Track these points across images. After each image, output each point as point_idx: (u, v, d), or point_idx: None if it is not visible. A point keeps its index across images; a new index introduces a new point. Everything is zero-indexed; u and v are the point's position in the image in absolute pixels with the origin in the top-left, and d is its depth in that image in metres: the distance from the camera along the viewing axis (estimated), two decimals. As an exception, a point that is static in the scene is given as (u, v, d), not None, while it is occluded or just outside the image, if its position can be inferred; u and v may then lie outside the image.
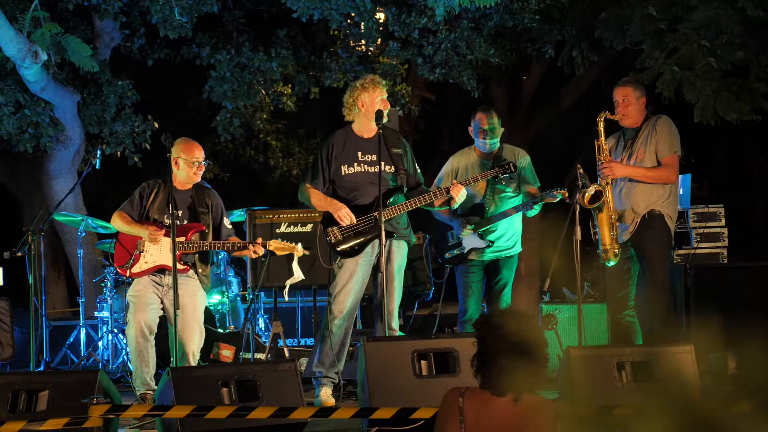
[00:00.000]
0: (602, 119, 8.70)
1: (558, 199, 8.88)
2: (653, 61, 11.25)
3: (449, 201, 8.50)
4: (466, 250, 9.19)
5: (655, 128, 8.73)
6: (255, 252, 8.55)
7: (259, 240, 8.58)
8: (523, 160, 9.28)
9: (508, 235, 9.26)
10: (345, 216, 8.33)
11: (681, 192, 10.01)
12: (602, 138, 8.72)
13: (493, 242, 9.15)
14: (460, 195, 8.44)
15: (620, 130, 8.97)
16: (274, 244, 8.58)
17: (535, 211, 9.11)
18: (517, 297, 14.99)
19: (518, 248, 9.35)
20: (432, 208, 8.77)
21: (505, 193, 9.22)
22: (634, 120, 8.80)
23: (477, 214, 9.16)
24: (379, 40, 13.45)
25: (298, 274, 8.74)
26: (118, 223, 8.67)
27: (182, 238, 8.36)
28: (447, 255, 9.32)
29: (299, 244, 8.64)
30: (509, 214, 9.19)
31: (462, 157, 9.43)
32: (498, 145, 9.30)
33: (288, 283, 8.88)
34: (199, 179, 8.75)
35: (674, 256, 10.07)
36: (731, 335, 9.22)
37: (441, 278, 10.10)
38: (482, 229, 9.13)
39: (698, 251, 10.13)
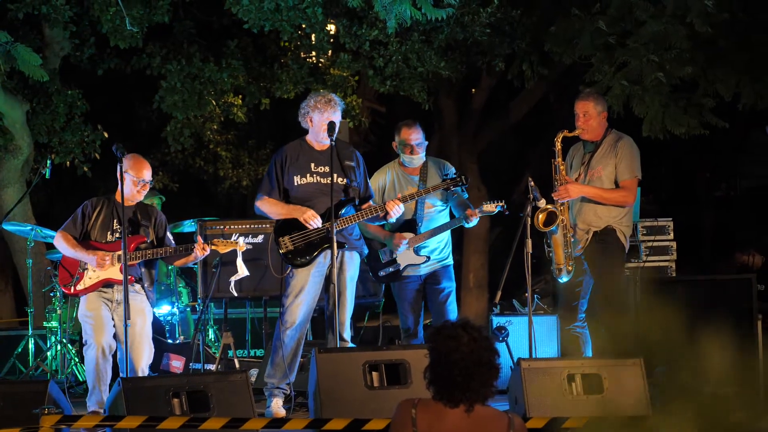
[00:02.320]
0: (560, 139, 8.74)
1: (497, 210, 8.94)
2: (602, 75, 11.35)
3: (385, 216, 8.53)
4: (401, 267, 9.21)
5: (617, 149, 8.75)
6: (203, 249, 8.52)
7: (200, 240, 8.57)
8: (450, 170, 9.29)
9: (441, 246, 9.29)
10: (311, 217, 8.34)
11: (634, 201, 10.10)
12: (559, 158, 8.76)
13: (429, 257, 9.19)
14: (394, 210, 8.47)
15: (581, 142, 9.00)
16: (217, 243, 8.58)
17: (474, 222, 9.14)
18: (466, 308, 15.08)
19: (451, 258, 9.39)
20: (381, 222, 8.80)
21: (435, 207, 9.25)
22: (595, 134, 8.83)
23: (409, 229, 9.17)
24: (330, 51, 13.47)
25: (242, 270, 8.74)
26: (62, 245, 8.60)
27: None
28: (381, 273, 9.31)
29: (241, 238, 8.65)
30: (445, 229, 9.20)
31: (385, 173, 9.43)
32: (423, 159, 9.33)
33: (233, 279, 8.89)
34: (142, 198, 8.74)
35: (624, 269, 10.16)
36: (678, 348, 9.36)
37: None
38: (417, 245, 9.16)
39: (647, 264, 10.22)
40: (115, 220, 8.44)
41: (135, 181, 8.59)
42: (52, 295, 11.30)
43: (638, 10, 11.02)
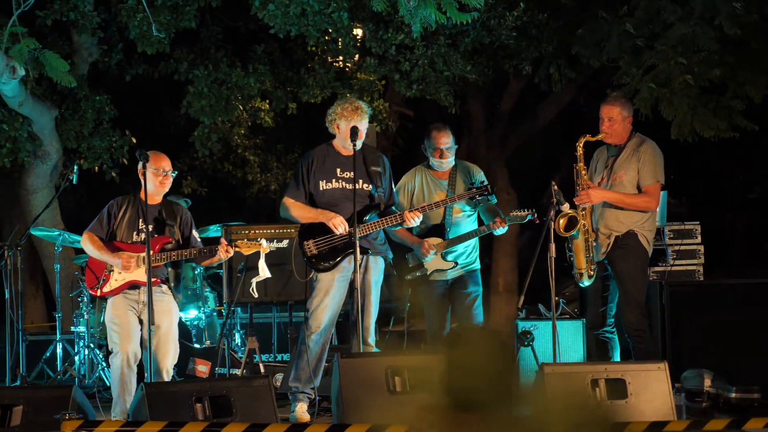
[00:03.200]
0: (582, 144, 8.70)
1: (527, 220, 8.90)
2: (630, 78, 11.30)
3: (402, 224, 8.51)
4: (428, 272, 9.19)
5: (639, 154, 8.71)
6: (226, 252, 8.52)
7: (224, 242, 8.57)
8: (479, 176, 9.26)
9: (468, 251, 9.26)
10: (339, 224, 8.34)
11: (657, 207, 10.04)
12: (581, 163, 8.72)
13: (456, 262, 9.16)
14: (413, 221, 8.46)
15: (604, 146, 8.96)
16: (241, 244, 8.57)
17: (504, 230, 9.09)
18: (495, 312, 15.06)
19: (478, 263, 9.36)
20: (404, 227, 8.79)
21: (463, 212, 9.21)
22: (619, 138, 8.79)
23: (437, 234, 9.14)
24: (357, 56, 13.46)
25: (264, 272, 8.72)
26: (88, 247, 8.60)
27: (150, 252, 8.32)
28: (408, 277, 9.28)
29: (264, 240, 8.63)
30: (474, 236, 9.17)
31: (415, 177, 9.41)
32: (453, 163, 9.31)
33: (254, 281, 8.88)
34: (166, 189, 8.69)
35: (650, 273, 10.09)
36: (706, 352, 9.30)
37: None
38: (444, 251, 9.13)
39: (674, 268, 10.14)
40: (140, 220, 8.43)
41: (155, 172, 8.58)
42: (79, 299, 11.35)
43: (666, 13, 10.97)
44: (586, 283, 8.66)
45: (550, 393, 7.30)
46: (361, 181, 8.42)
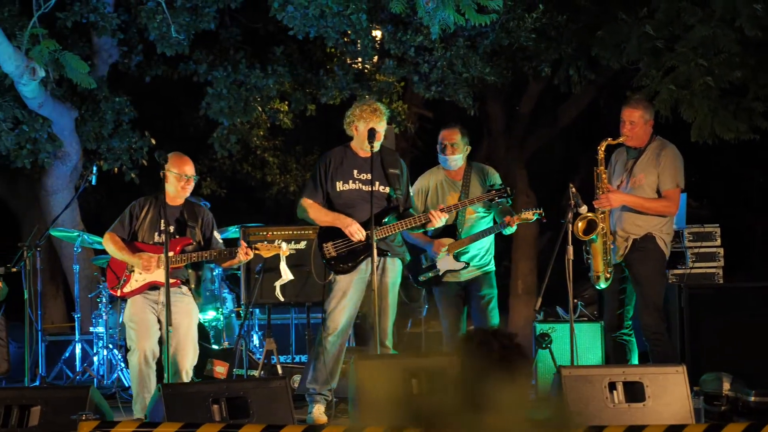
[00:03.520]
0: (603, 147, 8.68)
1: (535, 218, 8.87)
2: (650, 79, 11.24)
3: (425, 225, 8.53)
4: (441, 272, 9.18)
5: (660, 158, 8.69)
6: (246, 254, 8.52)
7: (244, 244, 8.57)
8: (494, 177, 9.26)
9: (482, 253, 9.25)
10: (356, 231, 8.35)
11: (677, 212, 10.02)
12: (602, 166, 8.70)
13: (468, 263, 9.14)
14: (438, 221, 8.47)
15: (623, 147, 8.93)
16: (260, 247, 8.58)
17: (512, 229, 9.08)
18: (515, 314, 15.03)
19: (493, 265, 9.34)
20: (422, 230, 8.79)
21: (476, 213, 9.20)
22: (639, 141, 8.77)
23: (449, 235, 9.13)
24: (376, 57, 13.44)
25: (286, 275, 8.73)
26: (110, 247, 8.63)
27: (171, 253, 8.33)
28: (421, 277, 9.29)
29: (284, 243, 8.63)
30: (484, 235, 9.15)
31: (429, 178, 9.42)
32: (461, 163, 9.29)
33: (277, 284, 8.88)
34: (187, 194, 8.72)
35: (669, 276, 10.06)
36: (725, 355, 9.26)
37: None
38: (457, 251, 9.12)
39: (693, 271, 10.11)
40: (162, 221, 8.45)
41: (177, 176, 8.60)
42: (98, 300, 11.39)
43: (686, 14, 10.91)
44: (602, 285, 8.64)
45: (567, 396, 7.29)
46: (377, 182, 8.42)
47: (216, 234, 8.80)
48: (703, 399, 8.09)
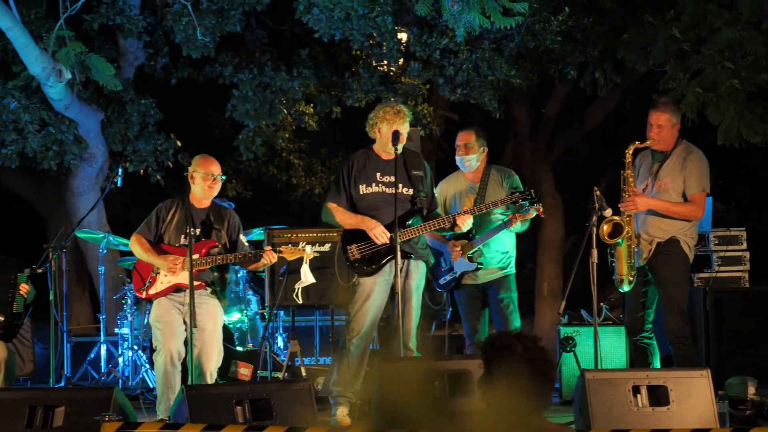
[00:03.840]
0: (631, 151, 8.66)
1: (534, 215, 8.83)
2: (676, 82, 11.20)
3: (452, 228, 8.52)
4: (458, 275, 9.17)
5: (686, 162, 8.67)
6: (269, 259, 8.54)
7: (269, 247, 8.58)
8: (512, 179, 9.25)
9: (499, 256, 9.22)
10: (381, 234, 8.34)
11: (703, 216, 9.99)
12: (629, 170, 8.68)
13: (481, 264, 9.11)
14: (465, 225, 8.47)
15: (648, 150, 8.91)
16: (284, 249, 8.59)
17: (520, 227, 9.05)
18: (540, 317, 14.99)
19: (512, 268, 9.31)
20: (447, 233, 8.79)
21: (492, 215, 9.17)
22: (665, 145, 8.75)
23: (465, 237, 9.12)
24: (401, 60, 13.44)
25: (307, 278, 8.73)
26: (136, 249, 8.66)
27: (196, 255, 8.34)
28: (441, 281, 9.30)
29: (308, 246, 8.64)
30: (491, 235, 9.12)
31: (450, 183, 9.45)
32: (476, 164, 9.28)
33: (298, 286, 8.89)
34: (214, 194, 8.73)
35: (695, 279, 10.02)
36: (750, 359, 9.22)
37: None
38: (471, 252, 9.10)
39: (719, 275, 10.07)
40: (189, 224, 8.47)
41: (204, 176, 8.62)
42: (123, 302, 11.42)
43: (713, 17, 10.88)
44: (625, 288, 8.62)
45: (590, 400, 7.27)
46: (401, 185, 8.40)
47: (242, 237, 8.81)
48: (728, 403, 8.04)
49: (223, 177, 8.81)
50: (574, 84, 13.81)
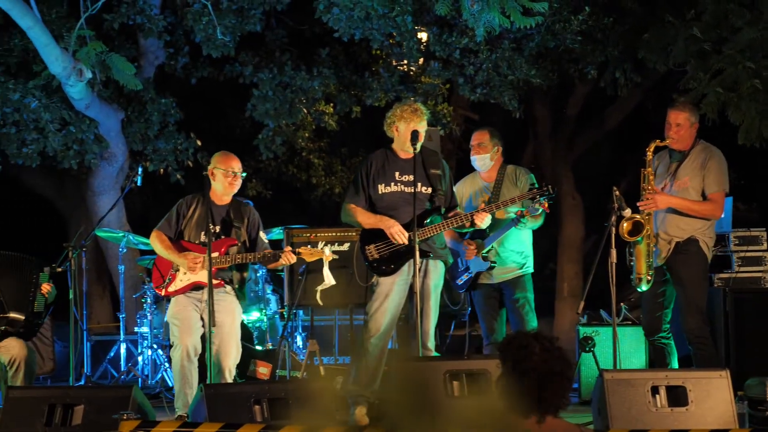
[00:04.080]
0: (651, 149, 8.65)
1: (540, 211, 8.79)
2: (697, 82, 11.16)
3: (471, 225, 8.51)
4: (473, 274, 9.16)
5: (705, 162, 8.65)
6: (288, 259, 8.55)
7: (288, 248, 8.59)
8: (528, 177, 9.23)
9: (515, 255, 9.19)
10: (398, 233, 8.33)
11: (723, 215, 9.95)
12: (649, 168, 8.67)
13: (495, 263, 9.09)
14: (484, 222, 8.45)
15: (666, 150, 8.90)
16: (303, 251, 8.59)
17: (531, 224, 9.02)
18: (560, 317, 14.98)
19: (529, 268, 9.28)
20: (466, 231, 8.78)
21: (507, 214, 9.14)
22: (684, 144, 8.74)
23: (479, 236, 9.11)
24: (421, 59, 13.44)
25: (329, 280, 8.73)
26: (156, 245, 8.69)
27: (215, 254, 8.36)
28: (459, 281, 9.29)
29: (327, 248, 8.64)
30: (502, 233, 9.09)
31: (466, 183, 9.45)
32: (490, 164, 9.29)
33: (319, 288, 8.89)
34: (235, 190, 8.75)
35: (715, 280, 9.99)
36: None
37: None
38: (485, 251, 9.09)
39: (739, 275, 10.03)
40: (208, 220, 8.49)
41: (224, 173, 8.64)
42: (143, 300, 11.45)
43: (734, 17, 10.84)
44: (643, 288, 8.59)
45: (609, 400, 7.25)
46: (420, 184, 8.39)
47: (262, 234, 8.82)
48: (747, 404, 8.00)
49: (244, 174, 8.82)
50: (595, 83, 13.78)
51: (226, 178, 8.64)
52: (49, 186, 15.52)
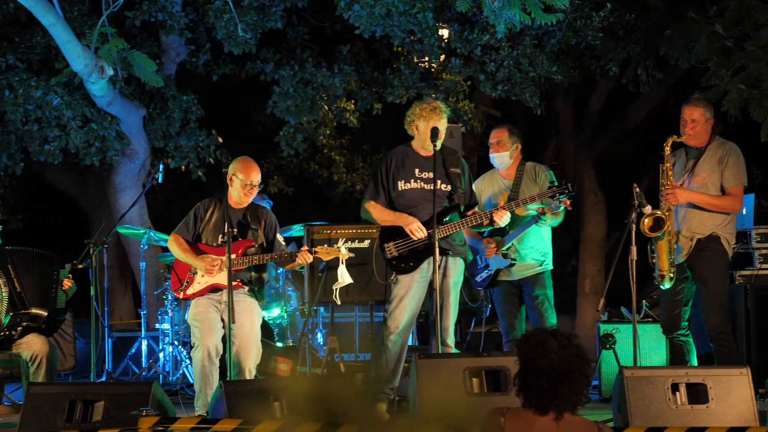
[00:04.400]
0: (669, 144, 8.62)
1: (561, 209, 8.77)
2: (719, 79, 11.11)
3: (490, 223, 8.50)
4: (493, 271, 9.15)
5: (724, 156, 8.62)
6: (304, 259, 8.57)
7: (305, 248, 8.61)
8: (547, 174, 9.21)
9: (534, 252, 9.18)
10: (417, 230, 8.33)
11: (744, 212, 9.90)
12: (668, 163, 8.65)
13: (515, 260, 9.08)
14: (503, 220, 8.44)
15: (682, 148, 8.87)
16: (320, 250, 8.60)
17: (551, 221, 9.01)
18: (582, 314, 14.94)
19: (549, 265, 9.26)
20: (485, 229, 8.77)
21: (527, 212, 9.12)
22: (700, 140, 8.71)
23: (499, 233, 9.09)
24: (442, 56, 13.43)
25: (344, 278, 8.74)
26: (174, 249, 8.72)
27: (233, 256, 8.38)
28: (478, 278, 9.28)
29: (343, 246, 8.66)
30: (522, 230, 9.07)
31: (484, 181, 9.44)
32: (509, 161, 9.28)
33: (335, 287, 8.90)
34: (250, 200, 8.78)
35: (736, 277, 9.94)
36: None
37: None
38: (504, 248, 9.07)
39: (761, 272, 9.97)
40: (226, 223, 8.51)
41: (243, 184, 8.66)
42: (164, 297, 11.48)
43: (757, 13, 10.78)
44: (666, 285, 8.55)
45: (629, 397, 7.23)
46: (439, 181, 8.39)
47: (279, 236, 8.85)
48: (768, 401, 7.98)
49: (261, 185, 8.86)
50: (617, 80, 13.74)
51: (243, 189, 8.68)
52: (71, 183, 15.58)
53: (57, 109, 12.23)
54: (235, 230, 8.60)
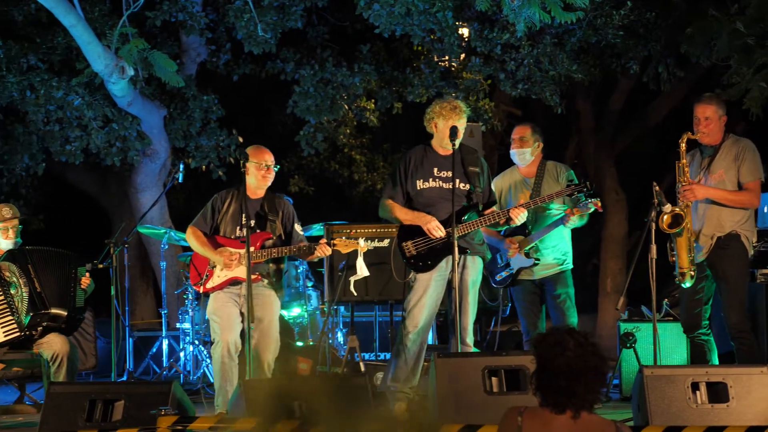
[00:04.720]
0: (684, 141, 8.60)
1: (591, 209, 8.76)
2: (740, 77, 11.07)
3: (507, 222, 8.49)
4: (514, 271, 9.13)
5: (739, 153, 8.59)
6: (323, 252, 8.56)
7: (323, 240, 8.60)
8: (568, 173, 9.20)
9: (555, 251, 9.17)
10: (435, 228, 8.34)
11: (766, 210, 9.87)
12: (684, 160, 8.62)
13: (539, 260, 9.06)
14: (519, 218, 8.42)
15: (697, 147, 8.85)
16: (339, 242, 8.61)
17: (577, 223, 9.00)
18: (603, 313, 14.91)
19: (569, 264, 9.24)
20: (503, 228, 8.76)
21: (548, 211, 9.11)
22: (714, 138, 8.69)
23: (520, 232, 9.08)
24: (462, 55, 13.42)
25: (362, 271, 8.75)
26: (192, 242, 8.73)
27: (251, 248, 8.38)
28: (498, 277, 9.27)
29: (361, 239, 8.66)
30: (548, 231, 9.07)
31: (504, 178, 9.43)
32: (529, 158, 9.25)
33: (352, 279, 8.92)
34: (268, 183, 8.76)
35: (757, 275, 9.89)
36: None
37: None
38: (527, 247, 9.05)
39: (781, 270, 9.93)
40: (244, 215, 8.52)
41: (257, 165, 8.66)
42: (185, 297, 11.50)
43: (778, 11, 10.76)
44: (687, 284, 8.52)
45: (649, 396, 7.20)
46: (458, 180, 8.39)
47: (297, 227, 8.83)
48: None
49: (278, 167, 8.84)
50: (638, 78, 13.70)
51: (259, 171, 8.68)
52: (93, 183, 15.63)
53: (78, 110, 12.27)
54: (253, 221, 8.59)
